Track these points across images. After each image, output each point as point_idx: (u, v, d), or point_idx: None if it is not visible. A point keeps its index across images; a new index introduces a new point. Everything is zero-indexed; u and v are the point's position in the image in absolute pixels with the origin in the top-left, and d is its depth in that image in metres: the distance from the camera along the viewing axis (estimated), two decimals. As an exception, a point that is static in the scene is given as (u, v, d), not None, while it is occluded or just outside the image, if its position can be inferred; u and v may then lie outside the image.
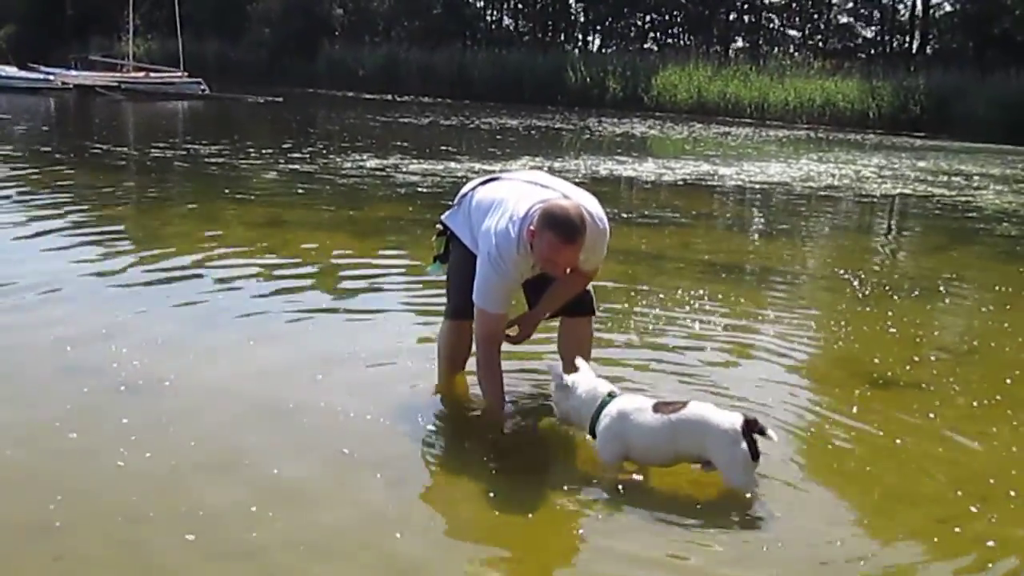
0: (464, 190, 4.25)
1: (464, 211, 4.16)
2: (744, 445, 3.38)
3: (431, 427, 3.99)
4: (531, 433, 4.00)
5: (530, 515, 3.26)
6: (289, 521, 3.11)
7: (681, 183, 14.32)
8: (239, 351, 4.77)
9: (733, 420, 3.42)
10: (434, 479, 3.59)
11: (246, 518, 3.10)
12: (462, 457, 3.72)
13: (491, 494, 3.39)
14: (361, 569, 2.91)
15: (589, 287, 4.26)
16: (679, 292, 6.65)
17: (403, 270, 6.87)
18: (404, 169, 13.42)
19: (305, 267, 6.85)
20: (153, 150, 14.80)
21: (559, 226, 3.70)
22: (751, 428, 3.39)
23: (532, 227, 3.76)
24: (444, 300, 4.39)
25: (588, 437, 3.71)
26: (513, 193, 3.97)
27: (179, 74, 33.70)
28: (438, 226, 4.33)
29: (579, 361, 3.90)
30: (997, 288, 7.70)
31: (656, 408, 3.57)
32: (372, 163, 14.02)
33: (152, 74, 34.05)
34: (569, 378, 3.77)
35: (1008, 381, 5.01)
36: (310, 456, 3.62)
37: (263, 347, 4.86)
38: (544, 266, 3.87)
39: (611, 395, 3.70)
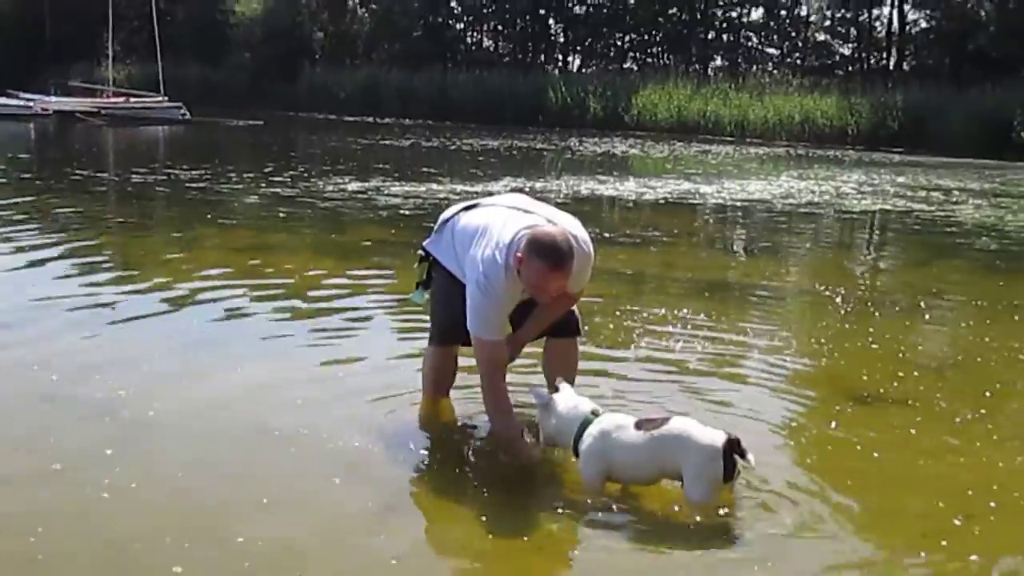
0: (445, 216, 4.25)
1: (447, 238, 4.17)
2: (720, 464, 3.39)
3: (418, 452, 3.98)
4: (521, 446, 3.98)
5: (524, 538, 3.26)
6: (278, 550, 3.09)
7: (663, 202, 14.38)
8: (225, 378, 4.76)
9: (714, 437, 3.43)
10: (423, 505, 3.58)
11: (235, 549, 3.09)
12: (451, 481, 3.71)
13: (483, 518, 3.39)
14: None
15: (575, 308, 4.28)
16: (662, 311, 6.67)
17: (387, 293, 6.87)
18: (386, 191, 13.43)
19: (289, 291, 6.85)
20: (134, 175, 14.77)
21: (547, 254, 3.71)
22: (732, 448, 3.41)
23: (519, 254, 3.76)
24: (423, 323, 4.40)
25: (573, 457, 3.72)
26: (497, 219, 3.97)
27: (159, 99, 33.67)
28: (419, 252, 4.34)
29: (560, 383, 3.90)
30: (978, 302, 7.77)
31: (638, 425, 3.58)
32: (354, 186, 14.03)
33: (132, 99, 34.01)
34: (551, 397, 3.78)
35: (989, 395, 5.05)
36: (297, 484, 3.61)
37: (249, 373, 4.85)
38: (532, 292, 3.89)
39: (594, 413, 3.71)
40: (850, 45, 47.26)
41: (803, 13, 47.83)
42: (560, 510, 3.46)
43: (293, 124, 34.02)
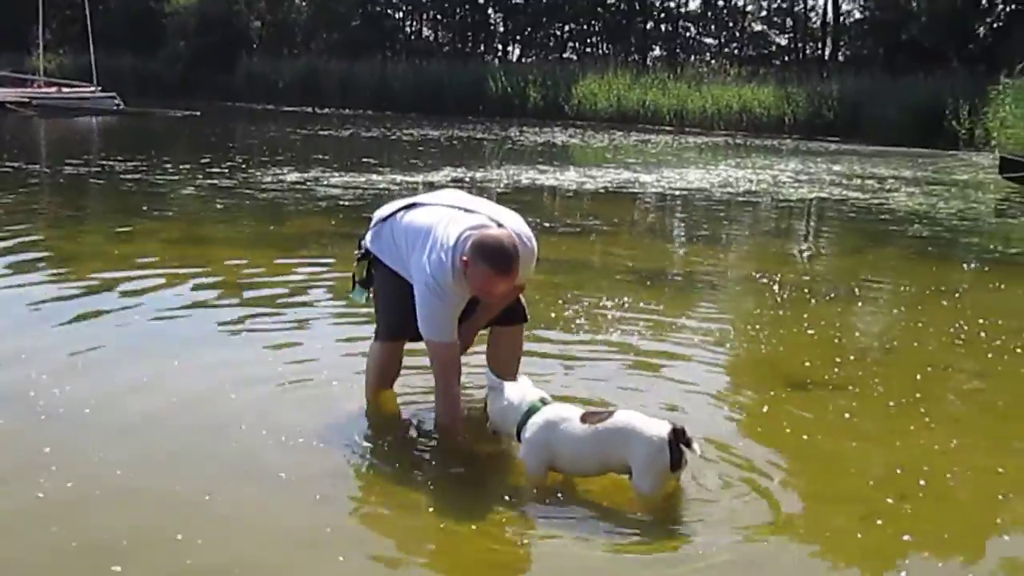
0: (382, 213, 4.22)
1: (388, 236, 4.13)
2: (667, 455, 3.41)
3: (363, 443, 3.97)
4: (465, 444, 3.99)
5: (473, 527, 3.27)
6: (219, 546, 3.06)
7: (603, 191, 14.45)
8: (161, 373, 4.69)
9: (660, 428, 3.45)
10: (368, 496, 3.56)
11: (173, 545, 3.04)
12: (394, 472, 3.70)
13: (429, 508, 3.38)
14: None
15: (520, 296, 4.29)
16: (602, 299, 6.71)
17: (327, 286, 6.82)
18: (325, 182, 13.33)
19: (227, 284, 6.77)
20: (67, 167, 14.48)
21: (493, 258, 3.71)
22: (678, 437, 3.43)
23: (465, 257, 3.76)
24: (369, 314, 4.38)
25: (515, 442, 3.73)
26: (440, 219, 3.95)
27: (92, 89, 32.99)
28: (358, 251, 4.30)
29: (520, 376, 3.93)
30: (911, 288, 7.93)
31: (583, 419, 3.59)
32: (293, 176, 13.90)
33: (64, 89, 33.27)
34: (502, 382, 3.78)
35: (922, 379, 5.16)
36: (235, 480, 3.55)
37: (186, 368, 4.78)
38: (478, 294, 3.90)
39: (543, 401, 3.73)
40: (786, 35, 47.90)
41: (740, 3, 48.38)
42: (508, 498, 3.47)
43: (231, 114, 33.57)
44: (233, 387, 4.48)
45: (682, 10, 49.08)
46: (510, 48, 51.89)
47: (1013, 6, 36.65)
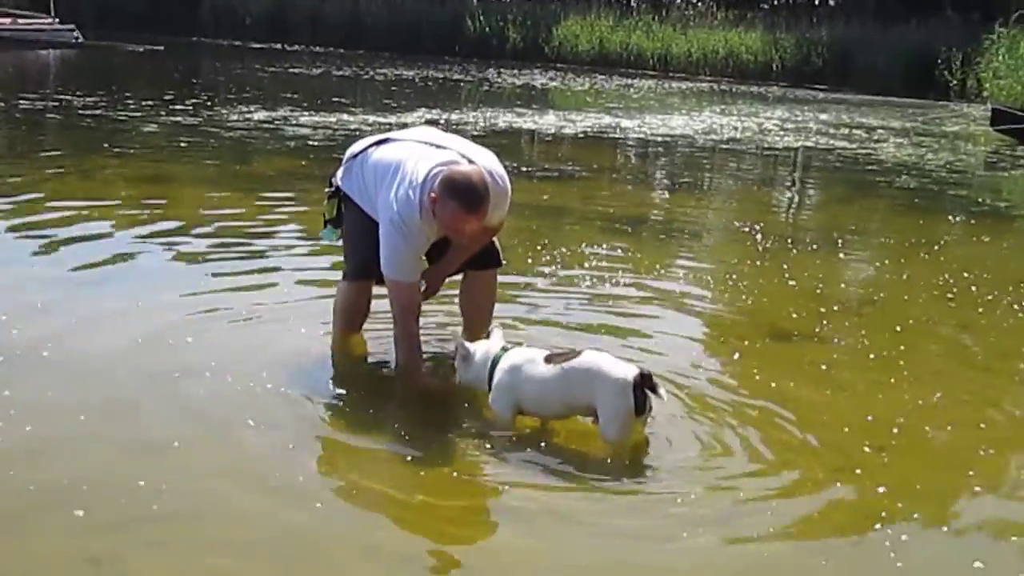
0: (354, 150, 4.20)
1: (357, 175, 4.11)
2: (631, 398, 3.45)
3: (331, 389, 3.99)
4: (428, 387, 4.01)
5: (449, 472, 3.30)
6: (185, 493, 3.07)
7: (583, 136, 14.41)
8: (122, 316, 4.66)
9: (625, 371, 3.48)
10: (340, 443, 3.56)
11: (135, 490, 3.04)
12: (365, 418, 3.72)
13: (404, 456, 3.39)
14: (261, 542, 2.87)
15: (495, 239, 4.29)
16: (581, 246, 6.73)
17: (295, 227, 6.80)
18: (294, 122, 13.22)
19: (190, 225, 6.71)
20: (22, 102, 14.26)
21: (462, 195, 3.69)
22: (644, 382, 3.47)
23: (433, 193, 3.74)
24: (338, 256, 4.37)
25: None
26: (410, 155, 3.93)
27: (50, 20, 32.40)
28: (328, 189, 4.28)
29: (494, 329, 3.94)
30: (896, 240, 7.99)
31: (548, 359, 3.64)
32: (260, 115, 13.77)
33: (19, 20, 32.64)
34: (469, 346, 3.81)
35: (905, 332, 5.22)
36: (201, 425, 3.55)
37: (148, 310, 4.76)
38: (448, 233, 3.89)
39: (504, 349, 3.76)
40: (776, -22, 47.59)
41: (728, -57, 47.95)
42: (482, 443, 3.50)
43: (195, 50, 33.13)
44: (197, 329, 4.47)
45: (669, -51, 48.65)
46: (489, -14, 51.28)
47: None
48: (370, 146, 4.14)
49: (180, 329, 4.48)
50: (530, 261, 6.19)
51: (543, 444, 3.55)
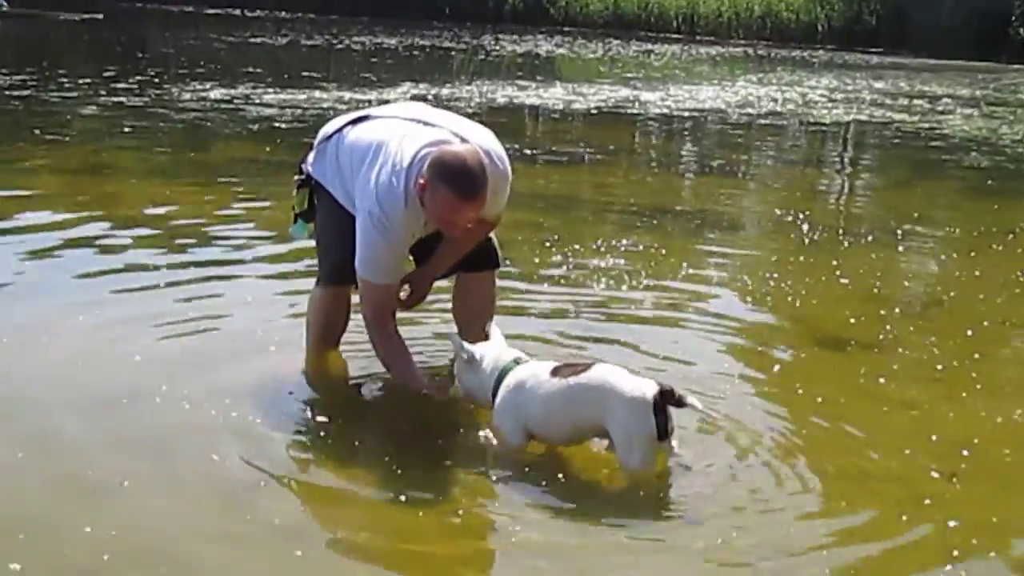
0: (328, 130, 4.18)
1: (331, 157, 4.10)
2: (651, 420, 3.41)
3: (305, 415, 3.96)
4: (428, 414, 4.00)
5: (444, 509, 3.28)
6: (134, 539, 3.04)
7: (596, 112, 14.41)
8: (59, 329, 4.65)
9: (644, 388, 3.44)
10: (313, 479, 3.54)
11: (81, 539, 2.97)
12: (345, 448, 3.70)
13: (387, 490, 3.37)
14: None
15: (492, 236, 4.29)
16: (597, 242, 6.73)
17: (259, 224, 6.80)
18: (257, 100, 13.23)
19: (137, 223, 6.71)
20: (-62, 82, 14.31)
21: (456, 180, 3.67)
22: (665, 399, 3.42)
23: (422, 179, 3.71)
24: (310, 261, 4.36)
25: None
26: (394, 134, 3.92)
27: (-31, -14, 32.51)
28: (297, 177, 4.28)
29: (492, 328, 3.93)
30: (966, 229, 7.98)
31: (555, 372, 3.62)
32: (217, 93, 13.78)
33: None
34: (473, 349, 3.80)
35: (977, 338, 5.21)
36: (154, 460, 3.50)
37: (88, 323, 4.74)
38: (438, 225, 3.87)
39: (517, 361, 3.75)
40: (820, -77, 47.59)
41: None
42: (487, 476, 3.49)
43: (141, 18, 33.19)
44: (145, 346, 4.45)
45: None
46: (483, -63, 51.35)
47: None
48: (346, 125, 4.12)
49: (125, 346, 4.47)
50: (536, 261, 6.19)
51: (560, 476, 3.52)
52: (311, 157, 4.21)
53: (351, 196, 3.98)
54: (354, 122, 4.13)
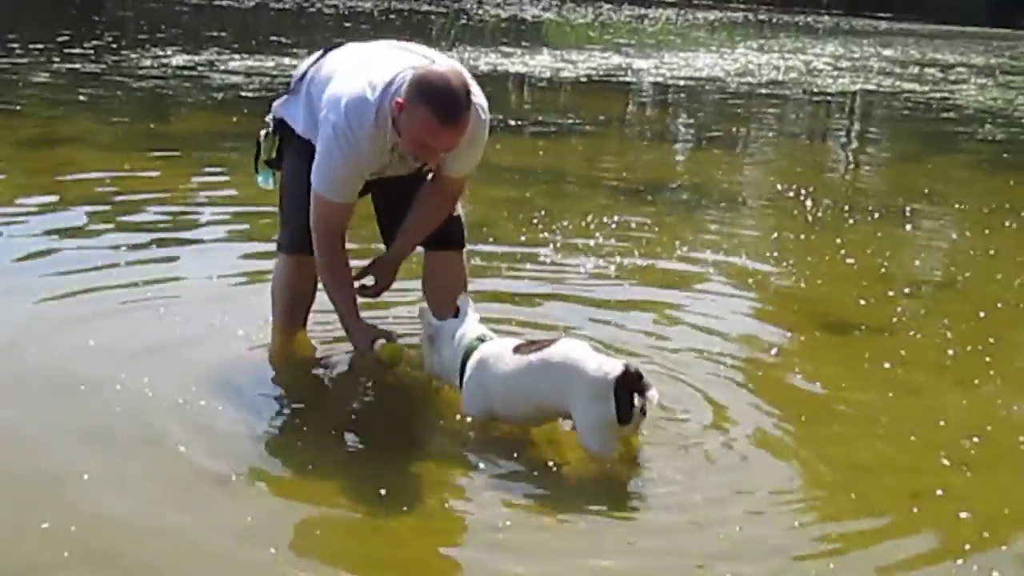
0: (303, 68, 4.17)
1: (303, 96, 4.08)
2: (611, 402, 3.40)
3: (271, 402, 3.97)
4: (398, 398, 4.01)
5: (430, 504, 3.27)
6: (95, 534, 3.03)
7: (585, 81, 14.40)
8: (9, 315, 4.64)
9: (606, 368, 3.44)
10: (282, 470, 3.52)
11: (39, 535, 2.97)
12: (314, 436, 3.69)
13: (358, 480, 3.37)
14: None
15: (459, 213, 4.28)
16: (586, 219, 6.74)
17: (223, 200, 6.78)
18: (222, 67, 13.18)
19: (92, 198, 6.69)
20: None
21: (438, 100, 3.65)
22: (628, 381, 3.41)
23: (400, 99, 3.71)
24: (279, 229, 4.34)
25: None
26: (374, 56, 3.93)
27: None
28: (268, 119, 4.25)
29: (461, 300, 3.91)
30: (979, 206, 8.00)
31: (517, 350, 3.63)
32: (180, 60, 13.74)
33: None
34: (440, 324, 3.81)
35: (983, 316, 5.23)
36: (114, 451, 3.48)
37: (38, 305, 4.73)
38: (412, 150, 3.83)
39: (482, 339, 3.77)
40: None
41: None
42: (457, 471, 3.49)
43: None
44: (100, 329, 4.42)
45: None
46: None
47: None
48: (322, 56, 4.12)
49: (79, 329, 4.44)
50: (522, 239, 6.19)
51: (540, 470, 3.51)
52: (281, 99, 4.21)
53: (318, 126, 3.96)
54: (329, 49, 4.14)
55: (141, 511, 3.18)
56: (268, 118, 4.26)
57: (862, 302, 5.42)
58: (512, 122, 10.25)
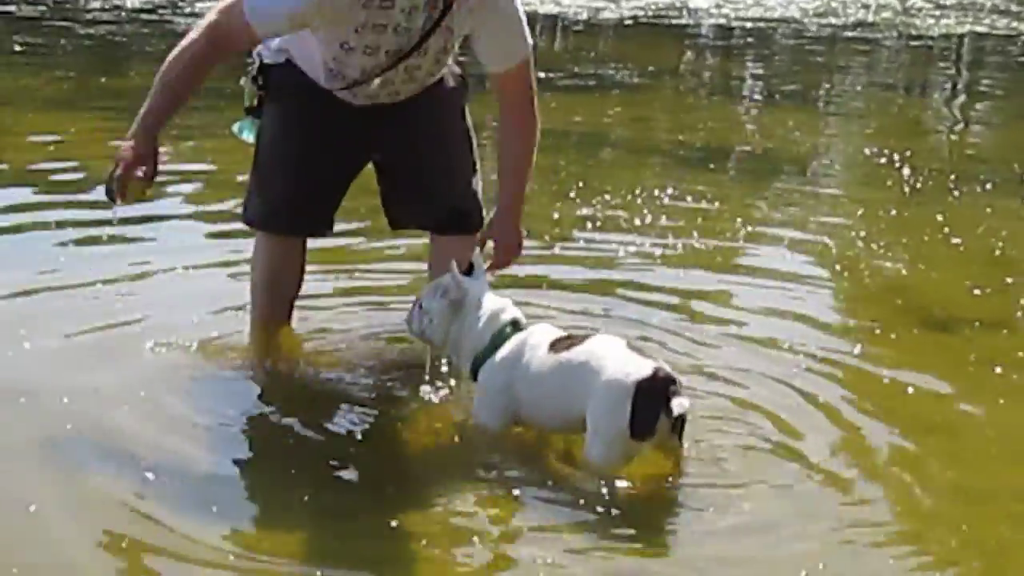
0: None
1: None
2: (625, 411, 3.40)
3: (246, 411, 3.99)
4: (402, 406, 4.02)
5: (418, 539, 3.27)
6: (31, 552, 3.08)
7: (631, 24, 14.37)
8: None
9: (629, 368, 3.44)
10: (263, 493, 3.55)
11: None
12: (300, 452, 3.70)
13: (351, 510, 3.40)
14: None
15: (476, 186, 4.31)
16: (634, 192, 6.76)
17: (190, 173, 6.77)
18: (187, 9, 13.20)
19: (33, 170, 6.73)
20: None
21: None
22: (654, 388, 3.39)
23: None
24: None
25: (471, 382, 3.80)
26: None
27: None
28: (251, 59, 4.24)
29: (476, 256, 3.91)
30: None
31: (553, 345, 3.63)
32: (135, 1, 13.75)
33: None
34: (468, 289, 3.80)
35: None
36: (66, 477, 3.49)
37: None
38: None
39: (515, 324, 3.78)
40: None
41: None
42: (458, 486, 3.50)
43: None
44: (46, 331, 4.42)
45: None
46: None
47: None
48: None
49: (19, 328, 4.46)
50: (555, 216, 6.21)
51: (551, 476, 3.55)
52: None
53: (310, 55, 3.98)
54: None
55: (90, 542, 3.21)
56: (251, 58, 4.25)
57: (968, 291, 5.40)
58: (542, 74, 10.18)
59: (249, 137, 4.32)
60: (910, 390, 4.30)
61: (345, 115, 4.07)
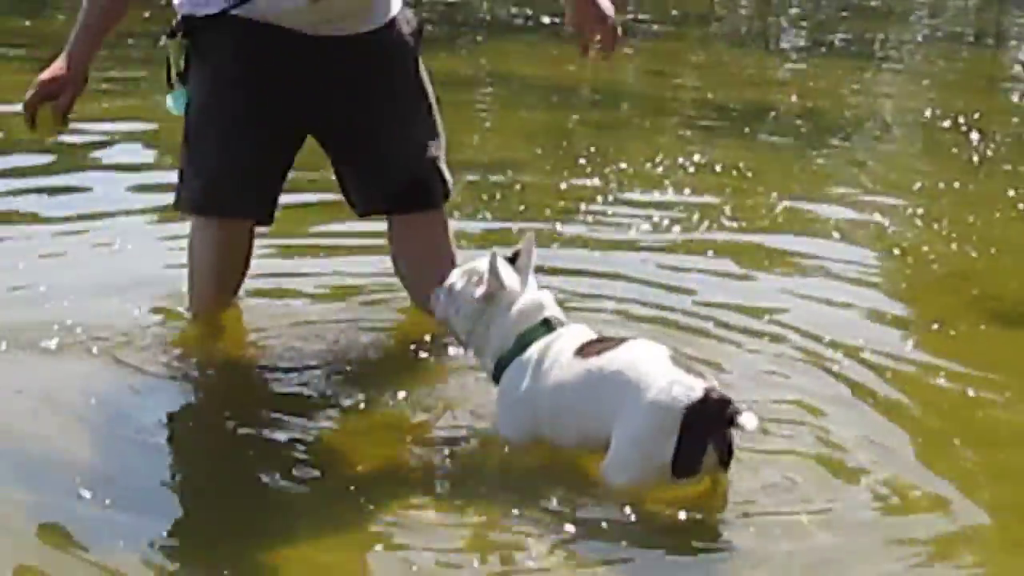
0: None
1: None
2: (672, 438, 3.31)
3: (184, 416, 4.02)
4: (386, 408, 4.01)
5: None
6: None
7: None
8: None
9: (677, 390, 3.35)
10: (193, 510, 3.56)
11: None
12: (243, 467, 3.69)
13: (318, 530, 3.40)
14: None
15: (434, 151, 4.30)
16: (655, 159, 6.77)
17: (127, 134, 6.84)
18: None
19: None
20: None
21: None
22: (705, 414, 3.31)
23: None
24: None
25: (492, 387, 3.78)
26: None
27: None
28: (174, 23, 4.25)
29: (528, 245, 3.83)
30: None
31: (580, 351, 3.60)
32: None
33: None
34: (509, 277, 3.75)
35: None
36: (26, 488, 3.54)
37: None
38: None
39: (547, 324, 3.76)
40: None
41: None
42: (445, 504, 3.50)
43: None
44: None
45: None
46: None
47: None
48: None
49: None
50: (562, 186, 6.21)
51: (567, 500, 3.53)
52: None
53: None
54: None
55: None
56: (172, 26, 4.25)
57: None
58: (545, 19, 10.23)
59: (181, 110, 4.32)
60: (974, 393, 4.28)
61: (285, 71, 4.10)
